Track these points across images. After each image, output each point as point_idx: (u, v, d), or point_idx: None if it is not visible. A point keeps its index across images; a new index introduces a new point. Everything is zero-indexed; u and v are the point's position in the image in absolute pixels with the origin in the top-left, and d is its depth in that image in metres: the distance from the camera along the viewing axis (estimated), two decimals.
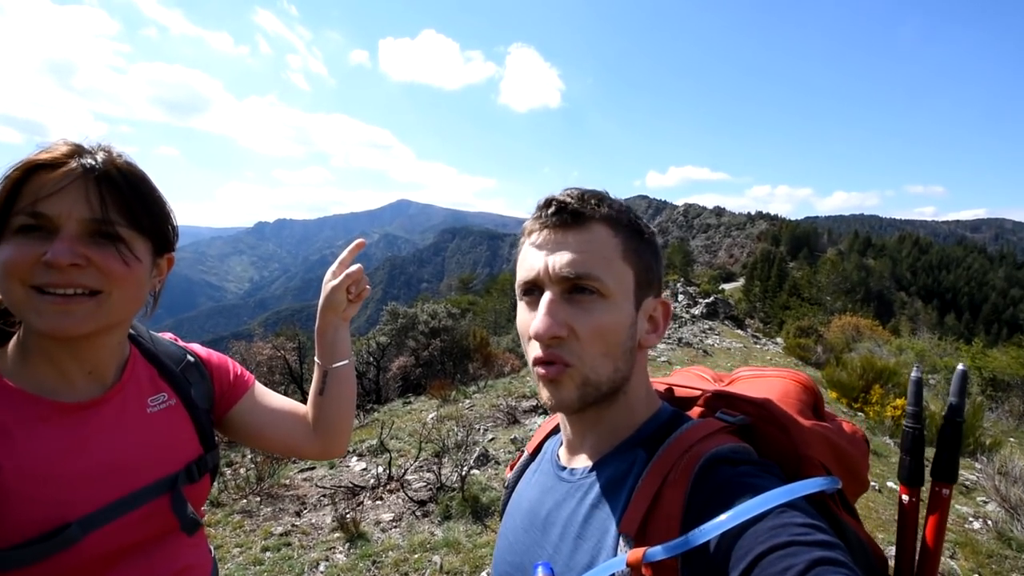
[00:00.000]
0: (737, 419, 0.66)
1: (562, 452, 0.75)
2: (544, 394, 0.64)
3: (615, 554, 0.56)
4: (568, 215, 0.63)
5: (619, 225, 0.64)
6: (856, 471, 0.68)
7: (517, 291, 0.68)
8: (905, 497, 0.72)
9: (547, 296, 0.62)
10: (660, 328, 0.69)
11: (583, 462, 0.69)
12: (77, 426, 0.75)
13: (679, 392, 0.78)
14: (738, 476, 0.55)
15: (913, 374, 0.75)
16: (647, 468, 0.60)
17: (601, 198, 0.65)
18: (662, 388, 0.79)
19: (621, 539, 0.56)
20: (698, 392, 0.75)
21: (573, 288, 0.62)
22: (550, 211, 0.64)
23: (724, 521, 0.49)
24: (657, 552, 0.51)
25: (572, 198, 0.64)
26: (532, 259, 0.65)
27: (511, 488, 0.83)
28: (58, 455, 0.72)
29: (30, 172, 0.69)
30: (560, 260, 0.62)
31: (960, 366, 0.72)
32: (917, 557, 0.69)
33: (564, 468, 0.72)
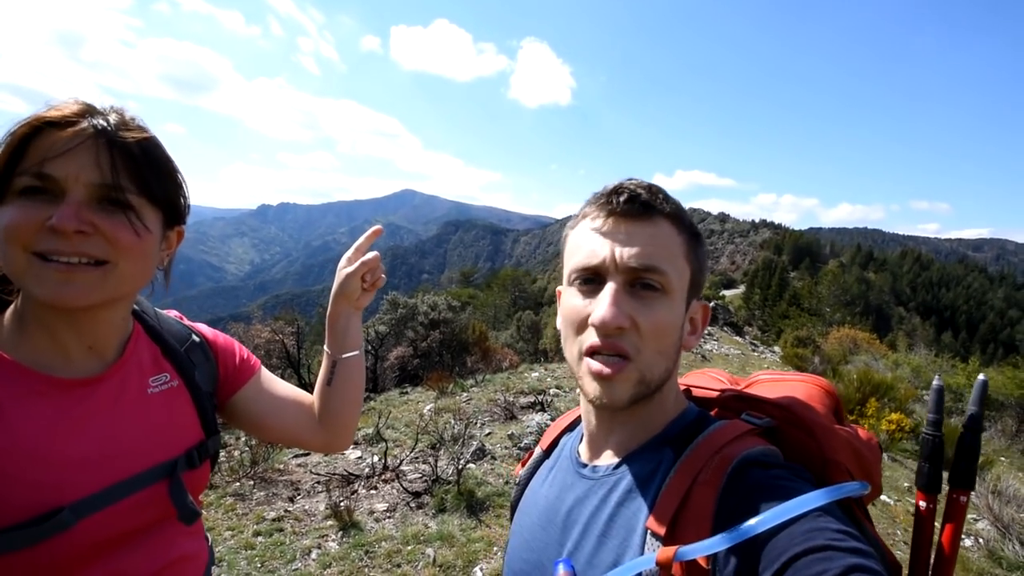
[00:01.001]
0: (763, 421, 0.65)
1: (582, 449, 0.73)
2: (594, 388, 0.61)
3: (642, 552, 0.55)
4: (639, 205, 0.61)
5: (682, 224, 0.64)
6: (872, 476, 0.68)
7: (567, 275, 0.66)
8: (923, 503, 0.72)
9: (612, 286, 0.60)
10: (699, 331, 0.69)
11: (607, 459, 0.68)
12: (73, 404, 0.71)
13: (697, 392, 0.77)
14: (772, 479, 0.55)
15: (935, 383, 0.75)
16: (676, 467, 0.59)
17: (667, 195, 0.64)
18: (680, 388, 0.77)
19: (649, 537, 0.55)
20: (716, 393, 0.75)
21: (636, 281, 0.61)
22: (622, 199, 0.62)
23: (762, 522, 0.49)
24: (690, 551, 0.50)
25: (643, 189, 0.62)
26: (595, 244, 0.62)
27: (523, 485, 0.81)
28: (51, 434, 0.68)
29: (37, 129, 0.65)
30: (629, 251, 0.60)
31: (981, 376, 0.73)
32: (932, 563, 0.69)
33: (585, 465, 0.70)
